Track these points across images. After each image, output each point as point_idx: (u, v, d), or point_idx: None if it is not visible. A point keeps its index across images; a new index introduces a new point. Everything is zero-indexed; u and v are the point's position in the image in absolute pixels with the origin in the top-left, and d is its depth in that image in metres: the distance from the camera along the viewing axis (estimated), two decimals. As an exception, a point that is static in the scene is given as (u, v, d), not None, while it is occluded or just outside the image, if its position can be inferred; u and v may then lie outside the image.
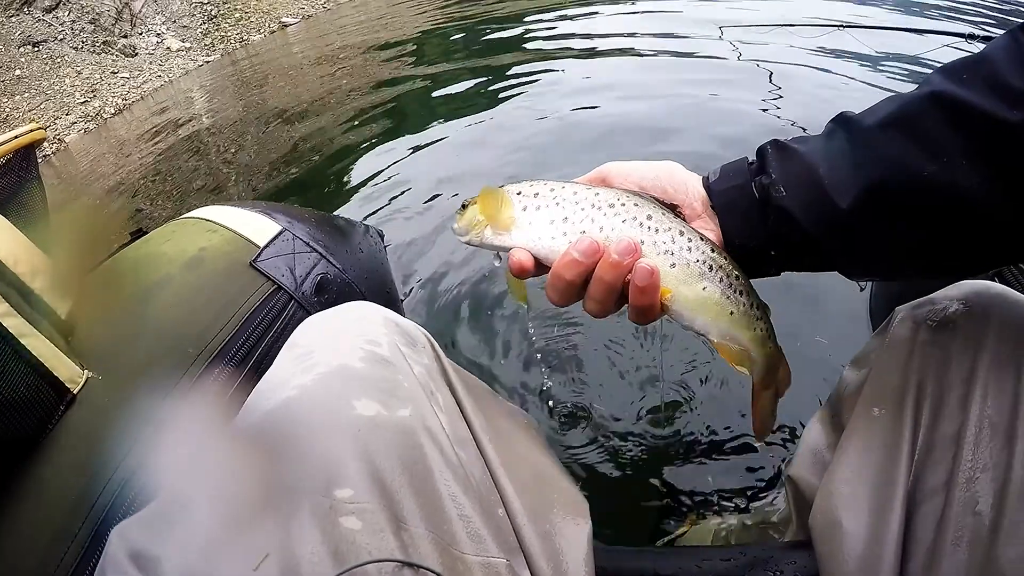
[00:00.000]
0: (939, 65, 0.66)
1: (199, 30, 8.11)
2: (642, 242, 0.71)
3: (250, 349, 1.01)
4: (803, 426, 1.17)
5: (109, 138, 5.29)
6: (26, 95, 6.31)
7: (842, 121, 0.69)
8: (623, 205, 0.73)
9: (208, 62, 7.40)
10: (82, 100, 6.28)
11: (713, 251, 0.72)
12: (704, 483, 1.21)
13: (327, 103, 4.27)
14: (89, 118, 5.96)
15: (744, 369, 0.77)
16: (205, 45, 7.87)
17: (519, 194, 0.76)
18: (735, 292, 0.73)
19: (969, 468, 0.66)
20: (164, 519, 0.58)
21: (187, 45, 7.77)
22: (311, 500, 0.56)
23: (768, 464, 1.24)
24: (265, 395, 0.67)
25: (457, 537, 0.62)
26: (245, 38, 7.98)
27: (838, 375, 0.92)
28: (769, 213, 0.70)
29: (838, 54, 3.71)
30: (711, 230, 0.75)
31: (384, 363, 0.70)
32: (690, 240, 0.72)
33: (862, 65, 3.55)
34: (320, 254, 1.14)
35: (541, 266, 0.74)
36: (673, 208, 0.74)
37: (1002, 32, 0.62)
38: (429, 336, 0.82)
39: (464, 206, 0.79)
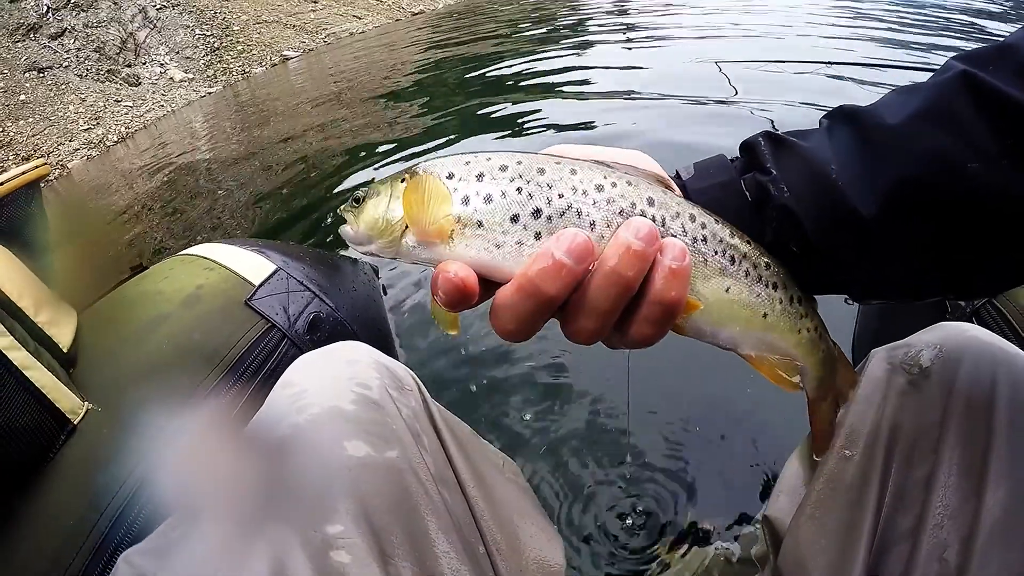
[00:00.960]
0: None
1: (202, 62, 8.18)
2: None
3: (244, 386, 1.05)
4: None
5: (112, 166, 5.32)
6: (30, 120, 6.34)
7: (846, 116, 0.60)
8: (614, 186, 0.52)
9: (210, 93, 7.46)
10: (85, 127, 6.32)
11: (732, 236, 0.55)
12: (688, 516, 1.23)
13: (326, 137, 4.32)
14: (92, 145, 6.00)
15: (793, 384, 0.60)
16: (207, 77, 7.94)
17: (450, 177, 0.52)
18: (767, 287, 0.56)
19: (938, 514, 0.67)
20: (167, 548, 0.62)
21: (190, 76, 7.84)
22: (304, 534, 0.60)
23: (753, 498, 1.26)
24: (259, 432, 0.71)
25: (440, 572, 0.65)
26: (247, 71, 8.05)
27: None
28: (769, 216, 0.59)
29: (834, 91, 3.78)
30: None
31: (374, 406, 0.73)
32: (704, 226, 0.54)
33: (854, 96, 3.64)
34: (313, 293, 1.18)
35: (490, 285, 0.52)
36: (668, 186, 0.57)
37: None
38: (417, 379, 0.85)
39: (360, 199, 0.55)
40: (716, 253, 0.54)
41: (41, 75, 7.04)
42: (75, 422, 0.93)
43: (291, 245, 1.32)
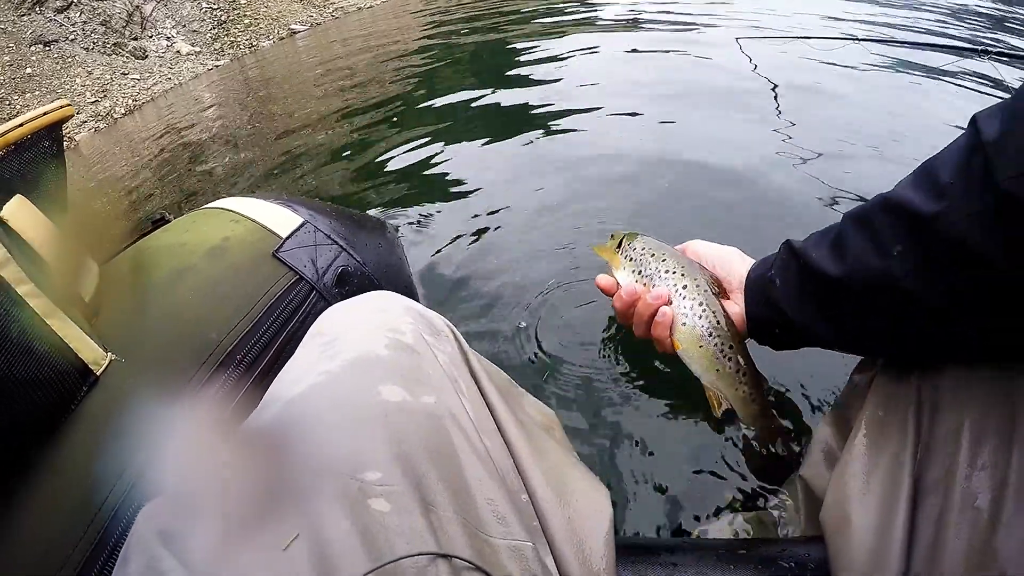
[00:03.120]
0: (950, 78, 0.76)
1: (209, 35, 8.14)
2: (671, 302, 1.02)
3: (272, 337, 1.02)
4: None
5: (120, 137, 5.29)
6: (36, 93, 6.33)
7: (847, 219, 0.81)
8: (673, 273, 1.04)
9: (217, 66, 7.42)
10: (92, 100, 6.30)
11: (719, 323, 0.99)
12: (720, 484, 1.21)
13: (335, 108, 4.27)
14: (100, 117, 5.97)
15: (716, 412, 1.06)
16: (215, 50, 7.89)
17: (626, 243, 1.14)
18: (725, 357, 0.99)
19: (967, 465, 0.68)
20: (191, 499, 0.58)
21: (197, 49, 7.80)
22: (339, 482, 0.56)
23: (776, 466, 1.24)
24: (289, 382, 0.68)
25: (484, 520, 0.62)
26: (254, 44, 8.00)
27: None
28: (770, 302, 0.91)
29: (857, 67, 3.70)
30: (739, 304, 1.00)
31: (408, 350, 0.71)
32: (703, 311, 0.99)
33: (880, 78, 3.55)
34: (341, 247, 1.15)
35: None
36: (719, 284, 1.02)
37: (1013, 52, 0.69)
38: (451, 326, 0.83)
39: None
40: (703, 328, 1.00)
41: (47, 48, 7.01)
42: (98, 373, 0.90)
43: (316, 201, 1.29)
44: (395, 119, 3.79)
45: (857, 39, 3.66)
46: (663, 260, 1.05)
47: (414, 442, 0.61)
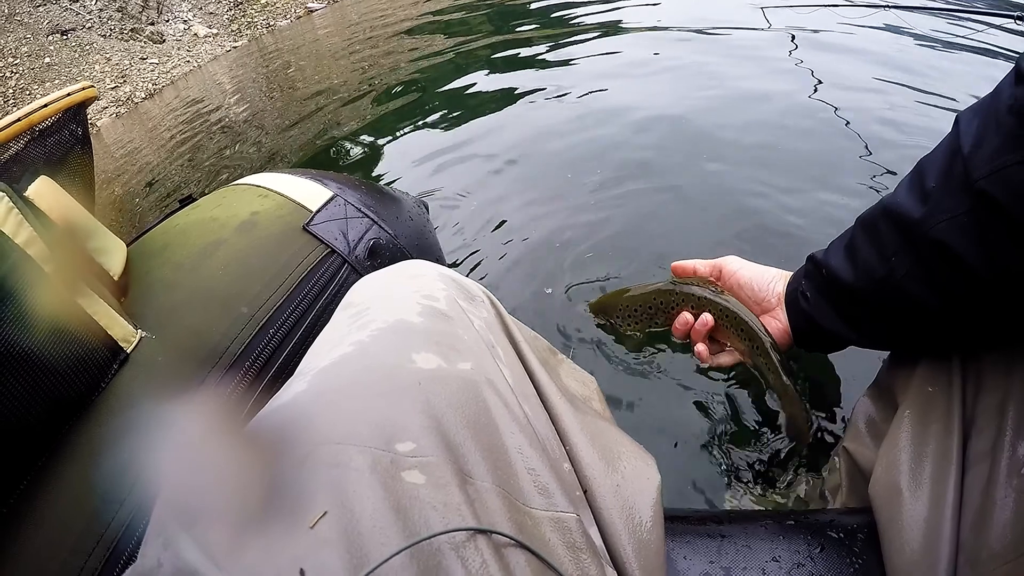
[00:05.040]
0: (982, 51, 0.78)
1: (225, 16, 8.15)
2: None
3: (304, 310, 1.00)
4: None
5: (141, 122, 5.31)
6: (56, 82, 6.37)
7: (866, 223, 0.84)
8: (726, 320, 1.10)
9: (235, 47, 7.42)
10: (112, 86, 6.34)
11: (766, 343, 1.04)
12: (760, 454, 1.19)
13: (355, 86, 4.25)
14: (120, 103, 6.01)
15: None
16: (232, 31, 7.90)
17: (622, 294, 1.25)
18: (755, 351, 1.06)
19: (1012, 435, 0.68)
20: (211, 479, 0.56)
21: (214, 31, 7.81)
22: (371, 455, 0.52)
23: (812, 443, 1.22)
24: (319, 355, 0.66)
25: (524, 491, 0.58)
26: (271, 24, 8.00)
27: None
28: (803, 313, 0.96)
29: (889, 37, 3.58)
30: (779, 319, 1.03)
31: (442, 317, 0.68)
32: (736, 320, 1.06)
33: (915, 47, 3.44)
34: (372, 219, 1.13)
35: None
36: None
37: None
38: (487, 291, 0.80)
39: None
40: (732, 329, 1.07)
41: (64, 37, 7.06)
42: (128, 350, 0.88)
43: (344, 175, 1.26)
44: (416, 96, 3.76)
45: (887, 7, 3.53)
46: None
47: (450, 411, 0.58)
